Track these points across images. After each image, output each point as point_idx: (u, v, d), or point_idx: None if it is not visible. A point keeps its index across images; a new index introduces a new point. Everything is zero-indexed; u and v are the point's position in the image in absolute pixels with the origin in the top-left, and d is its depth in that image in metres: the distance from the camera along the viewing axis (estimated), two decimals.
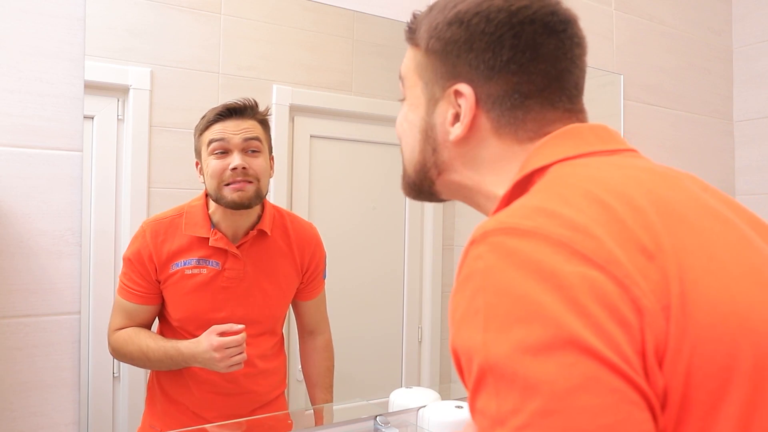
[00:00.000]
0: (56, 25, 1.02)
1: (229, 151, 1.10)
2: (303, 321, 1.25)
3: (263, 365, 1.18)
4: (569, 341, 0.41)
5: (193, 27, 1.15)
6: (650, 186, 0.51)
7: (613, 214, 0.47)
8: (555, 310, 0.42)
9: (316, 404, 1.27)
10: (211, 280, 1.11)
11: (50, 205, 1.02)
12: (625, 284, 0.43)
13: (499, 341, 0.43)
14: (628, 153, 0.59)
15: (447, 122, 0.62)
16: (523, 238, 0.46)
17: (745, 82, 2.10)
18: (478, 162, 0.62)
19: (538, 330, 0.42)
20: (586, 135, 0.59)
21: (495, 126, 0.60)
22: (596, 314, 0.42)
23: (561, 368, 0.41)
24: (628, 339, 0.42)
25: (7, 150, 0.99)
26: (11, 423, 0.98)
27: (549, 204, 0.49)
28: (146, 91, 1.11)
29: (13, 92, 0.99)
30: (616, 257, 0.44)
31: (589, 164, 0.55)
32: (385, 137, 1.41)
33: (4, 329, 0.98)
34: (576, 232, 0.46)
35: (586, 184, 0.51)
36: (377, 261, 1.40)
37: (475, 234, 0.50)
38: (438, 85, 0.63)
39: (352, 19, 1.33)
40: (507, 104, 0.60)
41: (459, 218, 1.50)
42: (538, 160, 0.57)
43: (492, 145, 0.61)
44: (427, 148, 0.65)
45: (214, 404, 1.14)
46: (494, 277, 0.46)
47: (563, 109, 0.61)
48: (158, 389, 1.13)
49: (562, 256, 0.44)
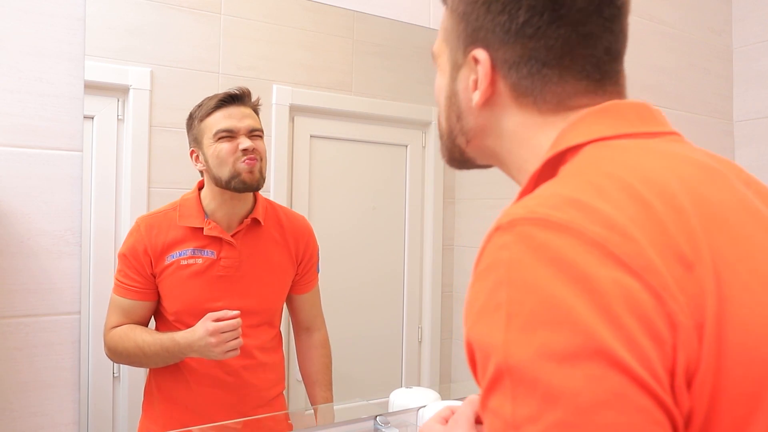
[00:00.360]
0: (56, 25, 1.02)
1: (236, 136, 1.12)
2: (299, 317, 1.26)
3: (262, 357, 1.18)
4: (598, 352, 0.39)
5: (193, 27, 1.15)
6: (693, 182, 0.47)
7: (653, 214, 0.43)
8: (585, 316, 0.39)
9: (317, 403, 1.27)
10: (207, 269, 1.12)
11: (50, 205, 1.02)
12: (662, 296, 0.40)
13: (522, 343, 0.41)
14: (671, 137, 0.55)
15: (469, 88, 0.59)
16: (554, 232, 0.43)
17: (745, 82, 2.10)
18: (502, 131, 0.59)
19: (565, 336, 0.39)
20: (626, 113, 0.54)
21: (514, 94, 0.57)
22: (629, 325, 0.39)
23: (587, 380, 0.38)
24: (659, 355, 0.39)
25: (7, 150, 0.99)
26: (11, 423, 0.98)
27: (584, 195, 0.45)
28: (146, 91, 1.11)
29: (13, 92, 0.99)
30: (653, 265, 0.41)
31: (628, 148, 0.51)
32: (385, 137, 1.41)
33: (4, 329, 0.98)
34: (612, 232, 0.42)
35: (625, 173, 0.47)
36: (377, 261, 1.40)
37: (501, 220, 0.46)
38: (460, 50, 0.60)
39: (352, 19, 1.33)
40: (523, 71, 0.56)
41: (459, 218, 1.50)
42: (572, 138, 0.53)
43: (513, 114, 0.58)
44: (452, 115, 0.63)
45: (214, 400, 1.14)
46: (520, 271, 0.42)
47: (588, 80, 0.56)
48: (156, 391, 1.12)
49: (595, 257, 0.41)
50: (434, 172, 1.47)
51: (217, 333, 1.07)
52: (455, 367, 1.51)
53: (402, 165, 1.43)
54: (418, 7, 1.44)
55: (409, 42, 1.42)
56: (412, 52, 1.42)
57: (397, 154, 1.43)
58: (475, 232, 1.52)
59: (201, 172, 1.13)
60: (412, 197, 1.44)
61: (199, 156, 1.12)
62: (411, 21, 1.42)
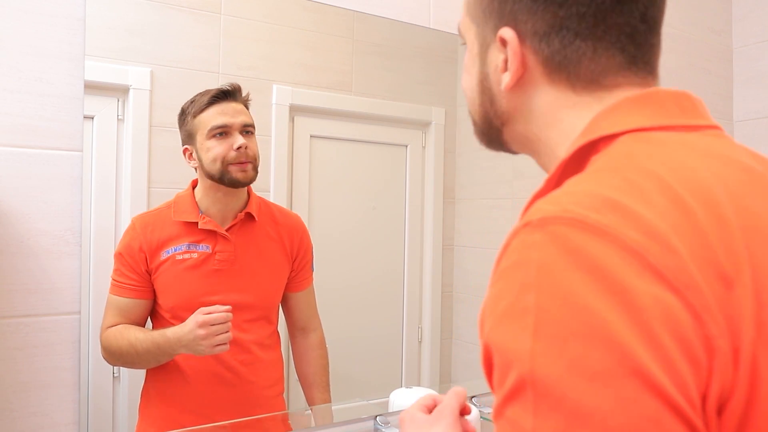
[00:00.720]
0: (56, 25, 1.02)
1: (229, 132, 1.12)
2: (294, 316, 1.26)
3: (260, 354, 1.18)
4: (634, 372, 0.36)
5: (193, 27, 1.15)
6: (736, 189, 0.44)
7: (695, 224, 0.40)
8: (622, 332, 0.37)
9: (315, 404, 1.27)
10: (202, 263, 1.12)
11: (50, 205, 1.02)
12: (702, 317, 0.38)
13: (551, 355, 0.38)
14: (711, 131, 0.51)
15: (498, 69, 0.56)
16: (590, 236, 0.39)
17: (745, 82, 2.10)
18: (535, 112, 0.55)
19: (599, 352, 0.37)
20: (666, 103, 0.50)
21: (546, 69, 0.53)
22: (667, 346, 0.36)
23: (619, 401, 0.36)
24: (696, 379, 0.37)
25: (7, 150, 0.99)
26: (11, 423, 0.98)
27: (623, 196, 0.41)
28: (146, 91, 1.11)
29: (13, 92, 0.99)
30: (695, 282, 0.38)
31: (668, 142, 0.47)
32: (385, 137, 1.41)
33: (4, 329, 0.98)
34: (653, 241, 0.39)
35: (666, 173, 0.43)
36: (377, 261, 1.40)
37: (531, 216, 0.43)
38: (488, 27, 0.57)
39: (352, 19, 1.33)
40: (555, 43, 0.52)
41: (459, 218, 1.50)
42: (607, 126, 0.49)
43: (546, 92, 0.54)
44: (484, 99, 0.59)
45: (211, 398, 1.14)
46: (552, 275, 0.39)
47: (623, 55, 0.52)
48: (153, 391, 1.12)
49: (634, 268, 0.38)
50: (434, 172, 1.47)
51: (207, 325, 1.06)
52: (455, 367, 1.51)
53: (402, 165, 1.43)
54: (418, 7, 1.44)
55: (409, 42, 1.42)
56: (412, 52, 1.42)
57: (397, 154, 1.43)
58: (475, 232, 1.52)
59: (195, 168, 1.14)
60: (412, 197, 1.44)
61: (193, 153, 1.12)
62: (411, 21, 1.42)
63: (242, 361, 1.15)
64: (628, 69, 0.53)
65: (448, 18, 1.48)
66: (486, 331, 0.43)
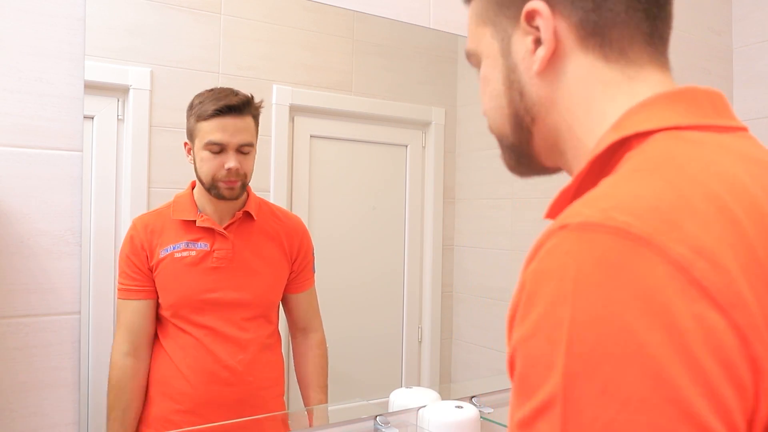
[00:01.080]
0: (56, 25, 1.02)
1: (225, 150, 1.13)
2: (294, 316, 1.26)
3: (259, 353, 1.18)
4: (671, 400, 0.34)
5: (193, 27, 1.15)
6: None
7: (744, 235, 0.38)
8: (660, 355, 0.35)
9: (310, 405, 1.27)
10: (201, 260, 1.13)
11: (50, 205, 1.02)
12: (748, 337, 0.35)
13: (584, 375, 0.36)
14: (741, 132, 0.49)
15: (528, 52, 0.54)
16: (634, 247, 0.37)
17: (745, 82, 2.10)
18: (566, 92, 0.53)
19: (635, 375, 0.35)
20: (701, 101, 0.48)
21: (579, 34, 0.52)
22: (710, 371, 0.34)
23: (653, 429, 0.34)
24: (741, 405, 0.35)
25: (7, 150, 0.99)
26: (11, 423, 0.98)
27: (667, 204, 0.39)
28: (146, 91, 1.11)
29: (13, 92, 0.99)
30: (743, 299, 0.36)
31: (706, 143, 0.45)
32: (385, 137, 1.41)
33: (4, 329, 0.98)
34: (699, 256, 0.36)
35: (710, 179, 0.41)
36: (377, 261, 1.40)
37: (570, 219, 0.40)
38: (505, 17, 0.55)
39: (352, 19, 1.33)
40: (589, 3, 0.51)
41: (459, 218, 1.50)
42: (640, 122, 0.47)
43: (578, 63, 0.52)
44: (514, 95, 0.57)
45: (210, 397, 1.13)
46: (590, 289, 0.37)
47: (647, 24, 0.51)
48: (151, 391, 1.12)
49: (678, 284, 0.36)
50: (434, 172, 1.47)
51: None
52: (455, 367, 1.51)
53: (402, 165, 1.43)
54: (418, 7, 1.44)
55: (409, 42, 1.42)
56: (412, 52, 1.42)
57: (397, 154, 1.43)
58: (475, 232, 1.52)
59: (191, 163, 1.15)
60: (412, 197, 1.44)
61: (191, 152, 1.14)
62: (411, 21, 1.42)
63: (240, 361, 1.15)
64: (650, 44, 0.52)
65: (448, 18, 1.48)
66: (515, 338, 0.41)
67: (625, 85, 0.51)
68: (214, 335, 1.14)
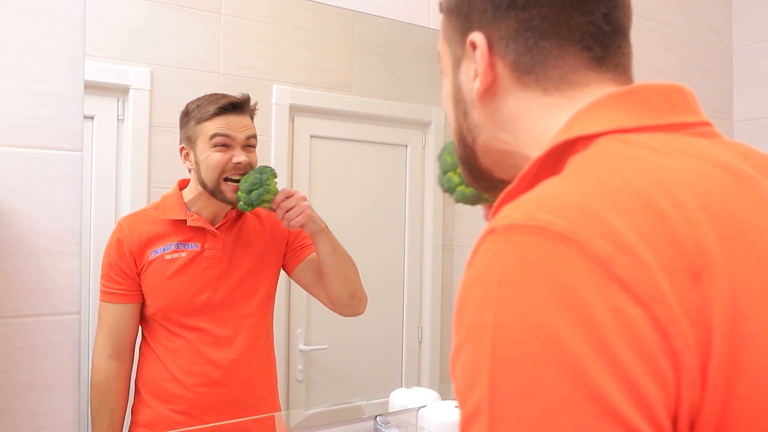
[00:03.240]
0: (56, 25, 1.02)
1: (232, 146, 1.11)
2: (316, 274, 1.23)
3: (251, 353, 1.17)
4: (591, 397, 0.34)
5: (193, 27, 1.15)
6: (720, 192, 0.42)
7: (670, 230, 0.38)
8: (579, 352, 0.34)
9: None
10: (191, 262, 1.11)
11: (50, 205, 1.02)
12: (668, 331, 0.35)
13: (506, 378, 0.36)
14: (701, 128, 0.49)
15: (470, 79, 0.56)
16: (554, 244, 0.37)
17: (745, 82, 2.10)
18: (507, 119, 0.55)
19: (555, 375, 0.35)
20: (653, 100, 0.48)
21: (515, 73, 0.53)
22: (629, 366, 0.34)
23: (574, 429, 0.34)
24: (663, 398, 0.35)
25: (7, 150, 0.99)
26: (12, 423, 0.99)
27: (593, 201, 0.39)
28: (146, 91, 1.11)
29: (13, 92, 0.99)
30: (662, 293, 0.36)
31: (648, 145, 0.45)
32: (385, 137, 1.41)
33: (4, 329, 0.98)
34: (619, 250, 0.36)
35: (642, 177, 0.41)
36: (377, 261, 1.40)
37: (497, 222, 0.41)
38: (458, 43, 0.57)
39: (352, 19, 1.33)
40: (521, 45, 0.52)
41: (459, 218, 1.50)
42: (586, 125, 0.47)
43: (516, 97, 0.53)
44: (459, 113, 0.59)
45: (203, 398, 1.12)
46: (511, 290, 0.37)
47: (590, 53, 0.51)
48: (144, 391, 1.11)
49: (596, 279, 0.36)
50: (434, 172, 1.47)
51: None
52: None
53: (402, 165, 1.43)
54: (418, 7, 1.44)
55: (409, 42, 1.42)
56: (412, 52, 1.42)
57: (397, 154, 1.43)
58: (475, 232, 1.52)
59: (189, 170, 1.13)
60: (412, 197, 1.44)
61: (190, 155, 1.11)
62: (411, 21, 1.42)
63: (233, 362, 1.14)
64: (597, 68, 0.52)
65: None
66: (452, 350, 0.41)
67: (568, 103, 0.51)
68: (206, 336, 1.12)
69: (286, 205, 1.12)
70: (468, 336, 0.39)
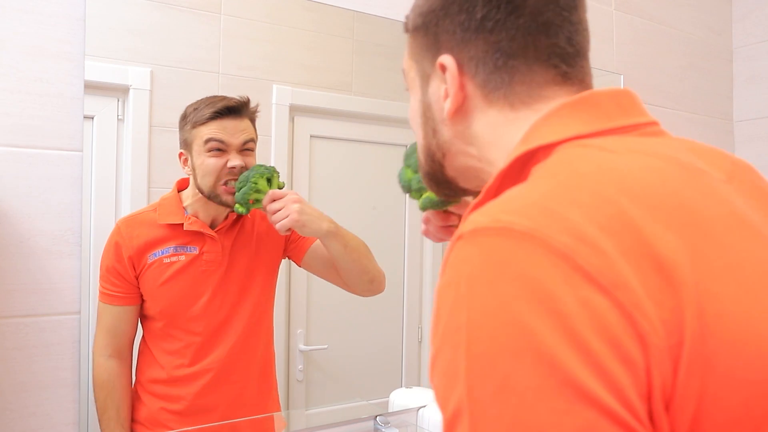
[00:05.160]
0: (56, 25, 1.02)
1: (227, 151, 1.09)
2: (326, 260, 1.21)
3: (251, 353, 1.17)
4: (565, 383, 0.35)
5: (193, 27, 1.15)
6: (674, 185, 0.44)
7: (628, 221, 0.40)
8: (549, 342, 0.36)
9: None
10: (190, 265, 1.11)
11: (50, 205, 1.02)
12: (632, 315, 0.37)
13: (483, 375, 0.37)
14: (650, 127, 0.52)
15: (440, 99, 0.58)
16: (518, 242, 0.39)
17: (745, 82, 2.10)
18: (475, 135, 0.57)
19: (528, 365, 0.36)
20: (605, 105, 0.51)
21: (483, 92, 0.55)
22: (598, 350, 0.36)
23: (553, 415, 0.35)
24: (632, 380, 0.36)
25: (7, 150, 0.99)
26: (11, 423, 0.98)
27: (553, 201, 0.41)
28: (146, 91, 1.11)
29: (13, 92, 0.99)
30: (624, 280, 0.37)
31: (606, 147, 0.47)
32: (385, 137, 1.41)
33: (4, 329, 0.98)
34: (581, 243, 0.38)
35: (599, 177, 0.43)
36: (377, 261, 1.40)
37: (463, 229, 0.42)
38: (427, 61, 0.59)
39: (352, 19, 1.33)
40: (490, 66, 0.54)
41: None
42: (544, 135, 0.50)
43: (485, 114, 0.56)
44: (428, 130, 0.61)
45: (202, 397, 1.12)
46: (481, 289, 0.39)
47: (556, 71, 0.54)
48: (142, 391, 1.11)
49: (561, 272, 0.38)
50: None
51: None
52: None
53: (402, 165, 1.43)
54: None
55: None
56: None
57: (397, 154, 1.43)
58: None
59: (189, 175, 1.12)
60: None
61: (188, 160, 1.10)
62: None
63: (232, 362, 1.14)
64: (563, 83, 0.54)
65: None
66: (430, 357, 0.42)
67: (533, 117, 0.53)
68: (205, 338, 1.12)
69: (272, 208, 1.09)
70: (444, 340, 0.41)
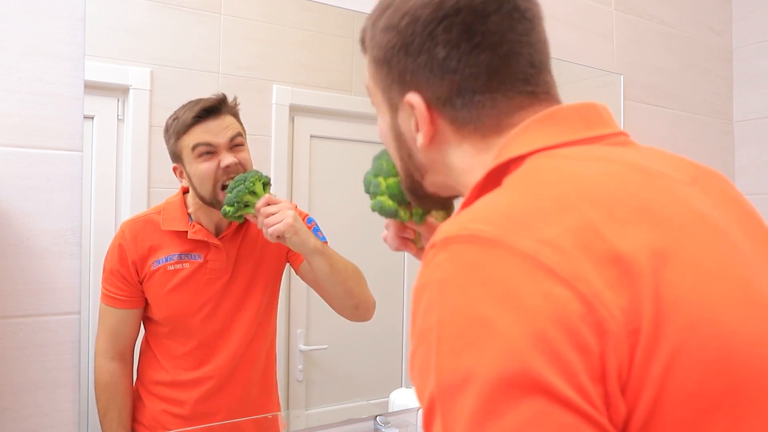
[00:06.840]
0: (56, 25, 1.02)
1: (216, 152, 1.07)
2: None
3: (253, 357, 1.17)
4: (520, 373, 0.38)
5: (193, 27, 1.15)
6: (633, 187, 0.47)
7: (587, 224, 0.43)
8: (510, 335, 0.39)
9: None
10: (194, 273, 1.10)
11: (50, 205, 1.02)
12: (592, 304, 0.40)
13: (450, 368, 0.40)
14: (616, 138, 0.55)
15: (412, 130, 0.59)
16: (485, 248, 0.42)
17: (745, 82, 2.10)
18: (451, 163, 0.59)
19: (488, 357, 0.39)
20: (571, 119, 0.54)
21: (453, 127, 0.57)
22: (554, 339, 0.39)
23: (510, 403, 0.38)
24: (585, 366, 0.39)
25: (7, 150, 0.99)
26: (11, 423, 0.99)
27: (517, 209, 0.45)
28: (146, 91, 1.11)
29: (13, 92, 0.99)
30: (583, 273, 0.40)
31: (570, 156, 0.51)
32: None
33: (4, 329, 0.98)
34: (542, 244, 0.41)
35: (562, 184, 0.47)
36: (377, 261, 1.40)
37: (436, 237, 0.45)
38: (393, 91, 0.60)
39: (351, 19, 1.33)
40: (457, 104, 0.56)
41: None
42: (515, 148, 0.53)
43: (458, 146, 0.58)
44: (403, 154, 0.63)
45: (204, 399, 1.12)
46: (450, 292, 0.42)
47: (522, 95, 0.56)
48: (143, 392, 1.11)
49: (524, 271, 0.41)
50: None
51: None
52: None
53: None
54: None
55: None
56: None
57: None
58: None
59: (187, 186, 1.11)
60: None
61: (183, 172, 1.09)
62: None
63: (235, 367, 1.14)
64: (530, 104, 0.56)
65: None
66: (409, 358, 0.45)
67: (503, 140, 0.55)
68: (208, 343, 1.12)
69: (267, 211, 1.06)
70: (419, 340, 0.43)
